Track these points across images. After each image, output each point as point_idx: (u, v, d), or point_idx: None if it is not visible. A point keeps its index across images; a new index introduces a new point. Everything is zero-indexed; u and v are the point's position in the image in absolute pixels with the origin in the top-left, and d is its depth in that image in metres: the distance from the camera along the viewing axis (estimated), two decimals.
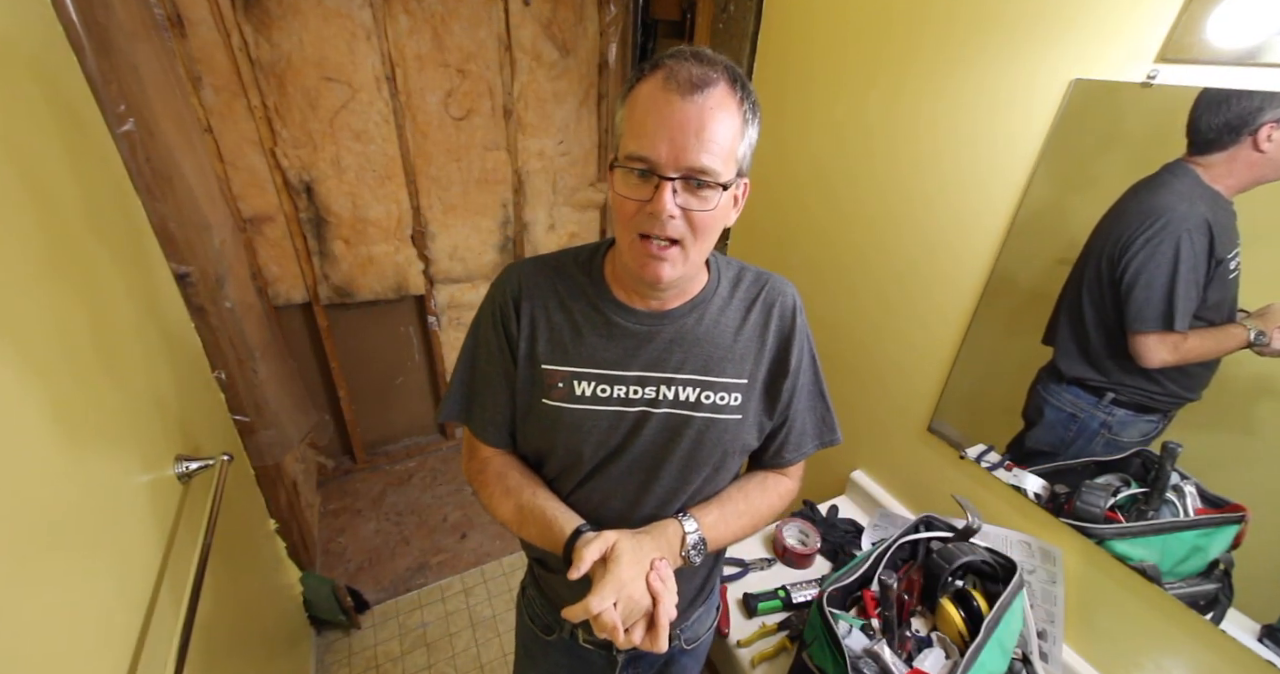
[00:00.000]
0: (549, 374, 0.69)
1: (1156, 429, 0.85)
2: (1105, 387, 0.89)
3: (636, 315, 0.69)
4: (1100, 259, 0.86)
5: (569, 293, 0.70)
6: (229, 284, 1.33)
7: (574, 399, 0.68)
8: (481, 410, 0.73)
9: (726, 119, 0.56)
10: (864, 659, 0.79)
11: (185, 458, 0.86)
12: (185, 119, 1.34)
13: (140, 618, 0.67)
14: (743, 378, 0.71)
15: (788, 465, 0.79)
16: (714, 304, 0.71)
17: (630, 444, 0.69)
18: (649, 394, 0.69)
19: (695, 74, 0.55)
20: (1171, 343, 0.81)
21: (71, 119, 0.79)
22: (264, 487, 1.37)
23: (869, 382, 1.33)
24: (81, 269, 0.70)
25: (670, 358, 0.69)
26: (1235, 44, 0.70)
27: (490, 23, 1.84)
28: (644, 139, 0.56)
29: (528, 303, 0.70)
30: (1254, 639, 0.76)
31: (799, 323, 0.74)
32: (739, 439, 0.72)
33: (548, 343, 0.69)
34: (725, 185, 0.58)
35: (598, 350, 0.68)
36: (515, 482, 0.73)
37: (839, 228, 1.33)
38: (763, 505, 0.77)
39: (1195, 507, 0.81)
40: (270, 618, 1.27)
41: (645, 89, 0.57)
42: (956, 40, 1.00)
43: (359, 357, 2.18)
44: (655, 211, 0.57)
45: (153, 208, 1.00)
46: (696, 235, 0.60)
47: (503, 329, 0.70)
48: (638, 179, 0.58)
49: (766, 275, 0.75)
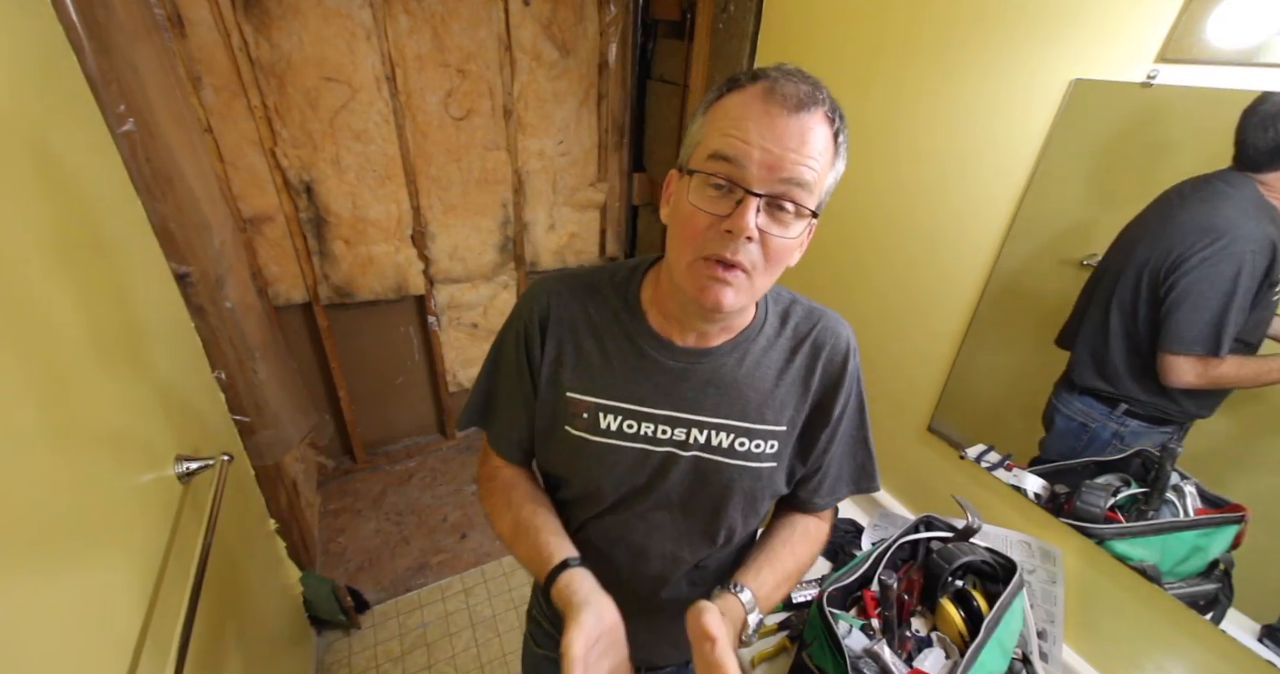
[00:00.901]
0: (574, 402, 0.64)
1: (1172, 440, 0.83)
2: (1119, 398, 0.86)
3: (673, 351, 0.63)
4: (1142, 271, 0.80)
5: (601, 318, 0.65)
6: (229, 284, 1.33)
7: (598, 431, 0.64)
8: (499, 423, 0.70)
9: (822, 142, 0.52)
10: (864, 659, 0.79)
11: (185, 458, 0.86)
12: (185, 119, 1.34)
13: (140, 618, 0.67)
14: (781, 425, 0.65)
15: (821, 510, 0.75)
16: (759, 343, 0.65)
17: (655, 485, 0.65)
18: (678, 435, 0.64)
19: (803, 92, 0.50)
20: (1205, 367, 0.76)
21: (71, 119, 0.79)
22: (264, 487, 1.37)
23: (869, 381, 1.31)
24: (81, 269, 0.70)
25: (705, 400, 0.63)
26: (1235, 44, 0.70)
27: (490, 23, 1.84)
28: (735, 141, 0.50)
29: (556, 326, 0.65)
30: (1254, 639, 0.76)
31: (850, 368, 0.67)
32: (771, 486, 0.68)
33: (575, 370, 0.64)
34: (814, 211, 0.53)
35: (628, 384, 0.64)
36: (519, 497, 0.70)
37: (839, 228, 1.33)
38: (807, 560, 0.72)
39: (1195, 507, 0.81)
40: (270, 618, 1.27)
41: (740, 98, 0.52)
42: (956, 40, 1.00)
43: (359, 357, 2.18)
44: (735, 229, 0.51)
45: (153, 208, 1.00)
46: (769, 264, 0.54)
47: (525, 351, 0.66)
48: (715, 191, 0.52)
49: (819, 312, 0.69)
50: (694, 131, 0.56)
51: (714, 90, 0.55)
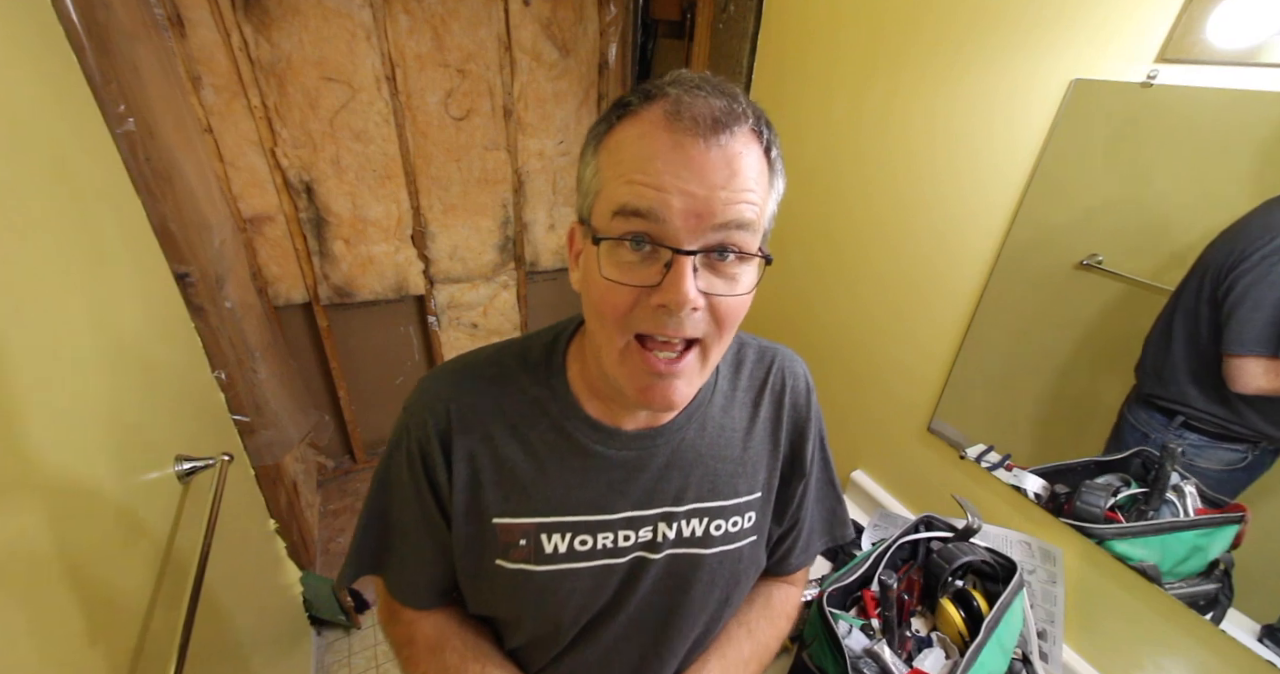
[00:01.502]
0: (504, 530, 0.51)
1: (1244, 459, 0.78)
2: (1175, 408, 0.83)
3: (620, 439, 0.52)
4: (1205, 272, 0.78)
5: (521, 414, 0.52)
6: (229, 284, 1.33)
7: (542, 558, 0.51)
8: (399, 567, 0.56)
9: (756, 166, 0.40)
10: (864, 659, 0.79)
11: (185, 458, 0.85)
12: (185, 119, 1.34)
13: (140, 618, 0.67)
14: (756, 492, 0.57)
15: (794, 571, 0.67)
16: (716, 403, 0.55)
17: (624, 602, 0.54)
18: (644, 536, 0.53)
19: (718, 108, 0.39)
20: (1276, 371, 0.73)
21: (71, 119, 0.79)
22: (264, 487, 1.37)
23: (869, 381, 1.32)
24: (81, 269, 0.70)
25: (668, 487, 0.53)
26: (1235, 44, 0.70)
27: (490, 23, 1.84)
28: (645, 191, 0.38)
29: (462, 439, 0.50)
30: (1254, 639, 0.76)
31: (814, 408, 0.60)
32: (755, 562, 0.59)
33: (497, 489, 0.51)
34: (766, 257, 0.43)
35: (571, 491, 0.51)
36: (455, 660, 0.54)
37: (839, 228, 1.33)
38: (772, 640, 0.63)
39: (1195, 507, 0.81)
40: (270, 618, 1.27)
41: (636, 128, 0.40)
42: (956, 40, 1.00)
43: (359, 357, 2.18)
44: (671, 302, 0.39)
45: (153, 208, 1.00)
46: (722, 330, 0.43)
47: (425, 478, 0.52)
48: (634, 255, 0.40)
49: (771, 351, 0.60)
50: (587, 177, 0.43)
51: (600, 120, 0.43)
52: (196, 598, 0.72)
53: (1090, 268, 0.89)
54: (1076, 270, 0.90)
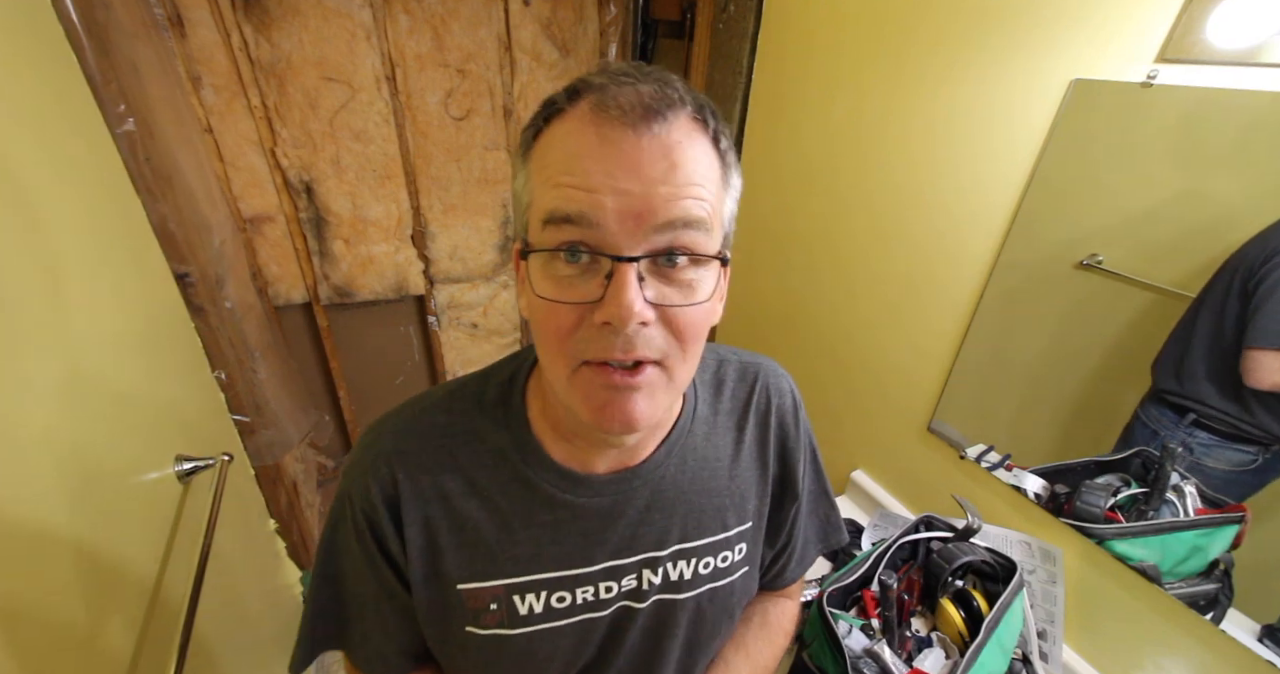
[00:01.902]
0: (470, 596, 0.46)
1: (1254, 461, 0.78)
2: (1187, 405, 0.82)
3: (593, 485, 0.46)
4: (1237, 268, 0.77)
5: (479, 466, 0.46)
6: (229, 284, 1.33)
7: (517, 621, 0.47)
8: (364, 644, 0.50)
9: (703, 157, 0.36)
10: (864, 659, 0.79)
11: (185, 458, 0.86)
12: (185, 119, 1.35)
13: (140, 618, 0.67)
14: (747, 522, 0.53)
15: (790, 585, 0.64)
16: (697, 433, 0.50)
17: (611, 656, 0.50)
18: (628, 585, 0.49)
19: (647, 93, 0.34)
20: None
21: (71, 119, 0.79)
22: (264, 487, 1.37)
23: (869, 381, 1.32)
24: (81, 269, 0.70)
25: (650, 531, 0.48)
26: (1236, 44, 0.70)
27: (490, 23, 1.84)
28: (573, 192, 0.34)
29: (412, 504, 0.45)
30: (1254, 639, 0.76)
31: (803, 424, 0.56)
32: (748, 593, 0.56)
33: (459, 552, 0.46)
34: (722, 258, 0.38)
35: (542, 548, 0.46)
36: None
37: (839, 228, 1.33)
38: (768, 658, 0.59)
39: (1195, 507, 0.81)
40: (270, 618, 1.27)
41: (564, 127, 0.36)
42: (956, 40, 1.00)
43: (359, 356, 2.18)
44: (615, 319, 0.34)
45: (153, 208, 1.00)
46: (685, 345, 0.38)
47: (376, 548, 0.46)
48: (568, 266, 0.36)
49: (754, 367, 0.55)
50: (518, 190, 0.40)
51: (529, 124, 0.39)
52: (196, 598, 0.72)
53: (1090, 268, 0.89)
54: (1076, 270, 0.90)
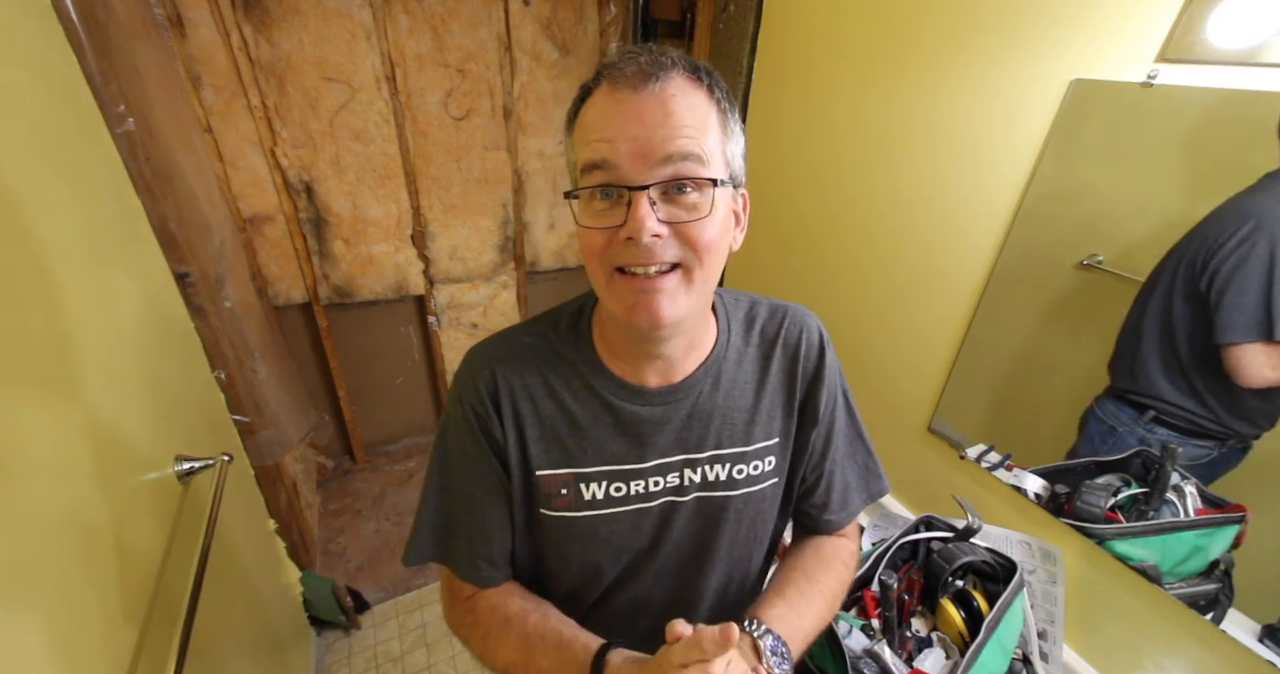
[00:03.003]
0: (546, 481, 0.57)
1: (1210, 455, 0.79)
2: (1146, 402, 0.83)
3: (645, 396, 0.57)
4: (1179, 263, 0.78)
5: (556, 376, 0.57)
6: (229, 284, 1.33)
7: (582, 505, 0.57)
8: (469, 543, 0.59)
9: (697, 106, 0.46)
10: (864, 659, 0.79)
11: (185, 458, 0.85)
12: (185, 119, 1.35)
13: (140, 618, 0.67)
14: (774, 437, 0.61)
15: (838, 528, 0.69)
16: (729, 359, 0.60)
17: (660, 543, 0.60)
18: (672, 482, 0.58)
19: (644, 63, 0.46)
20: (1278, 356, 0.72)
21: (71, 119, 0.78)
22: (264, 487, 1.37)
23: (870, 381, 1.32)
24: (81, 269, 0.70)
25: (691, 436, 0.58)
26: (1235, 44, 0.70)
27: (490, 23, 1.84)
28: (598, 145, 0.46)
29: (508, 399, 0.56)
30: (1254, 639, 0.76)
31: (829, 360, 0.63)
32: (777, 503, 0.64)
33: (540, 444, 0.57)
34: (717, 181, 0.47)
35: (604, 444, 0.57)
36: (516, 609, 0.59)
37: (841, 228, 1.33)
38: (832, 581, 0.64)
39: (1195, 507, 0.81)
40: (270, 618, 1.27)
41: (592, 102, 0.48)
42: (956, 40, 1.00)
43: (359, 357, 2.18)
44: (633, 233, 0.45)
45: (153, 208, 1.00)
46: (700, 254, 0.48)
47: (483, 438, 0.57)
48: (602, 201, 0.47)
49: (783, 307, 0.64)
50: (567, 151, 0.52)
51: (571, 107, 0.51)
52: (196, 598, 0.72)
53: (1091, 268, 0.89)
54: (1077, 270, 0.90)
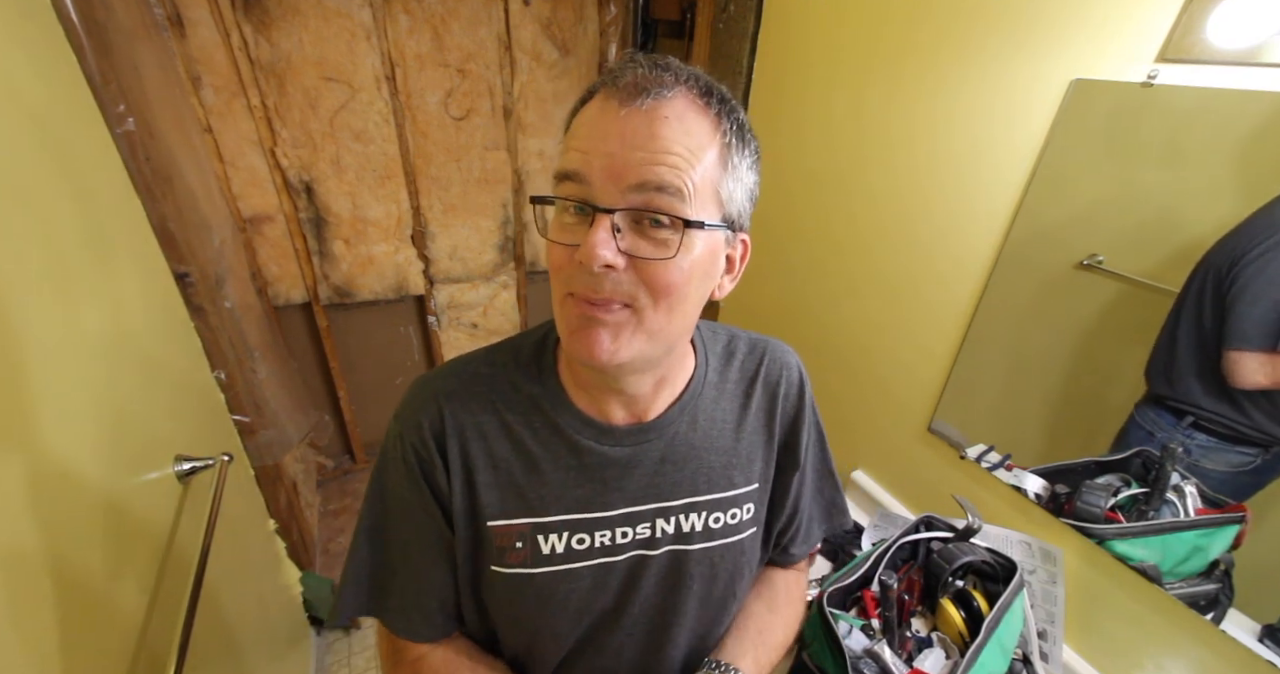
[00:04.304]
0: (499, 533, 0.50)
1: (1253, 463, 0.78)
2: (1185, 408, 0.82)
3: (613, 435, 0.51)
4: (1209, 270, 0.78)
5: (514, 413, 0.51)
6: (229, 284, 1.33)
7: (539, 560, 0.51)
8: (400, 598, 0.53)
9: (692, 132, 0.41)
10: (864, 659, 0.79)
11: (185, 458, 0.85)
12: (185, 119, 1.35)
13: (140, 618, 0.67)
14: (754, 483, 0.57)
15: (797, 561, 0.69)
16: (706, 396, 0.55)
17: (627, 603, 0.54)
18: (642, 533, 0.52)
19: (641, 76, 0.41)
20: (1273, 366, 0.73)
21: (71, 119, 0.78)
22: (264, 487, 1.37)
23: (869, 381, 1.32)
24: (81, 269, 0.70)
25: (664, 482, 0.53)
26: (1236, 44, 0.70)
27: (490, 23, 1.84)
28: (574, 154, 0.41)
29: (456, 440, 0.50)
30: (1254, 639, 0.76)
31: (808, 398, 0.60)
32: (756, 555, 0.60)
33: (494, 490, 0.50)
34: (691, 222, 0.41)
35: (566, 490, 0.51)
36: None
37: (840, 228, 1.33)
38: (794, 619, 0.65)
39: (1196, 507, 0.81)
40: (270, 618, 1.27)
41: (589, 107, 0.43)
42: (956, 40, 1.00)
43: (359, 357, 2.18)
44: (583, 256, 0.40)
45: (153, 208, 1.00)
46: (657, 299, 0.42)
47: (424, 484, 0.50)
48: (573, 216, 0.42)
49: (763, 343, 0.60)
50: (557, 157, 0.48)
51: (573, 109, 0.47)
52: (196, 598, 0.72)
53: (1091, 268, 0.89)
54: (1077, 270, 0.90)
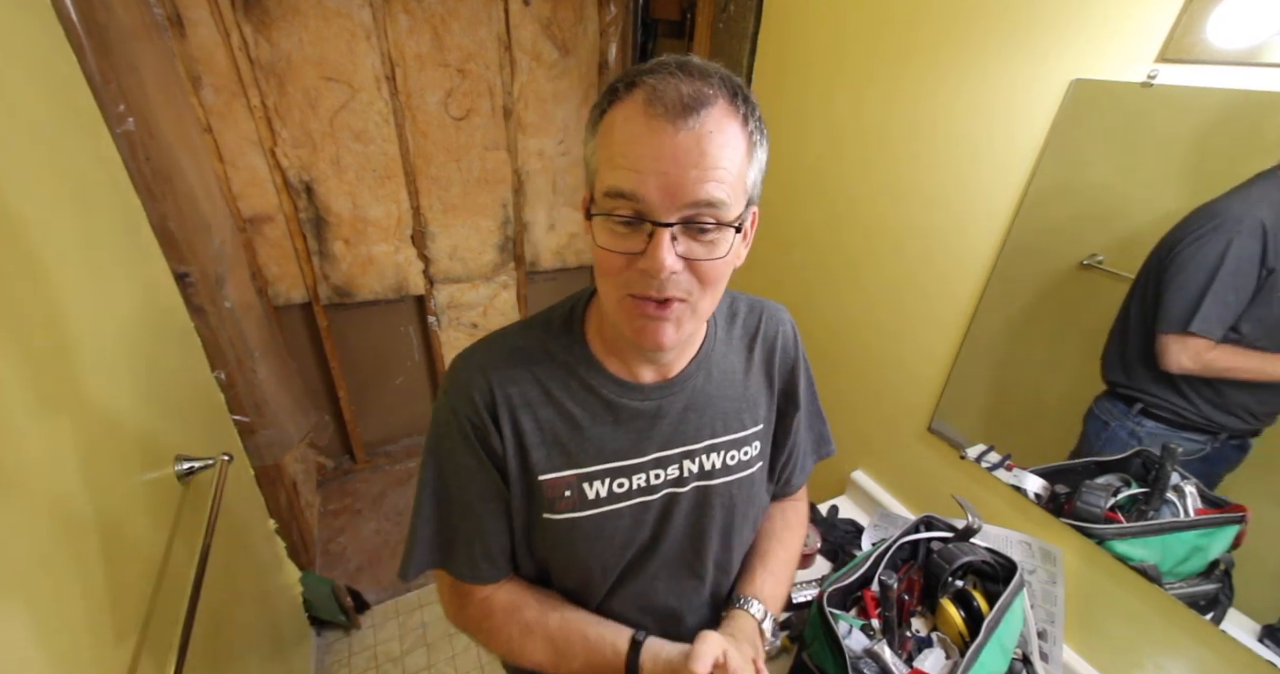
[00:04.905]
0: (549, 486, 0.57)
1: (1202, 450, 0.80)
2: (1134, 395, 0.85)
3: (642, 392, 0.59)
4: (1152, 259, 0.82)
5: (552, 378, 0.58)
6: (229, 284, 1.33)
7: (586, 505, 0.58)
8: (467, 548, 0.60)
9: (729, 143, 0.45)
10: (864, 659, 0.79)
11: (185, 458, 0.86)
12: (185, 119, 1.35)
13: (140, 618, 0.67)
14: (759, 423, 0.65)
15: (796, 490, 0.77)
16: (718, 351, 0.63)
17: (662, 535, 0.62)
18: (672, 474, 0.60)
19: (686, 93, 0.43)
20: (1193, 348, 0.76)
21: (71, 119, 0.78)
22: (264, 487, 1.37)
23: (870, 381, 1.32)
24: (81, 269, 0.70)
25: (688, 428, 0.60)
26: (1236, 44, 0.70)
27: (490, 23, 1.84)
28: (627, 173, 0.44)
29: (505, 408, 0.56)
30: (1254, 639, 0.76)
31: (800, 350, 0.69)
32: (764, 485, 0.69)
33: (541, 449, 0.57)
34: (737, 225, 0.47)
35: (604, 442, 0.58)
36: (534, 614, 0.61)
37: (840, 228, 1.33)
38: (796, 547, 0.74)
39: (1195, 507, 0.81)
40: (270, 618, 1.27)
41: (622, 113, 0.45)
42: (956, 40, 1.00)
43: (359, 357, 2.18)
44: (651, 269, 0.45)
45: (153, 208, 1.00)
46: (706, 288, 0.49)
47: (480, 448, 0.57)
48: (623, 227, 0.46)
49: (760, 303, 0.68)
50: (588, 153, 0.50)
51: (596, 104, 0.49)
52: (196, 598, 0.72)
53: (1091, 268, 0.89)
54: (1078, 270, 0.90)
